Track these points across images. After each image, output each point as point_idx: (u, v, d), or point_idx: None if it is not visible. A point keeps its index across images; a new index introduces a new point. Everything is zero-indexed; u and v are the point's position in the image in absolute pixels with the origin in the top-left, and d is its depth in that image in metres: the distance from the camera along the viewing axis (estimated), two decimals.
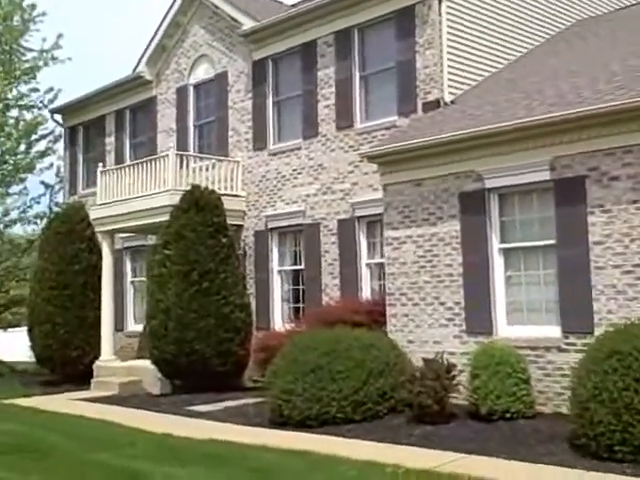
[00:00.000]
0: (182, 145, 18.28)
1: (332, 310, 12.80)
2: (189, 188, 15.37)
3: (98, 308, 17.31)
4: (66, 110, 22.24)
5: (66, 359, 17.07)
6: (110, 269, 17.38)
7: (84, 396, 15.12)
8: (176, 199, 15.31)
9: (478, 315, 11.24)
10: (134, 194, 16.53)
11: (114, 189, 17.19)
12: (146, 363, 16.16)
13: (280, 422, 10.73)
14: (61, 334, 17.02)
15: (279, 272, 16.24)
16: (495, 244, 11.28)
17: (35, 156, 21.86)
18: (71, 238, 17.51)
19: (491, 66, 14.59)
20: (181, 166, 15.97)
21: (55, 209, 22.72)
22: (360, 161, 14.48)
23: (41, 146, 22.68)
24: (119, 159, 20.32)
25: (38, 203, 22.41)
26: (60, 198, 23.29)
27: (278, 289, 16.19)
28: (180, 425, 11.14)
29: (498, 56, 14.81)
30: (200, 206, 14.52)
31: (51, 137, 22.87)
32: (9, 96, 21.39)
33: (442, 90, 13.57)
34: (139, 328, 19.20)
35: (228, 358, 14.18)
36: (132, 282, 19.99)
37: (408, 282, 12.15)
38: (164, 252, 14.26)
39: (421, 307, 11.96)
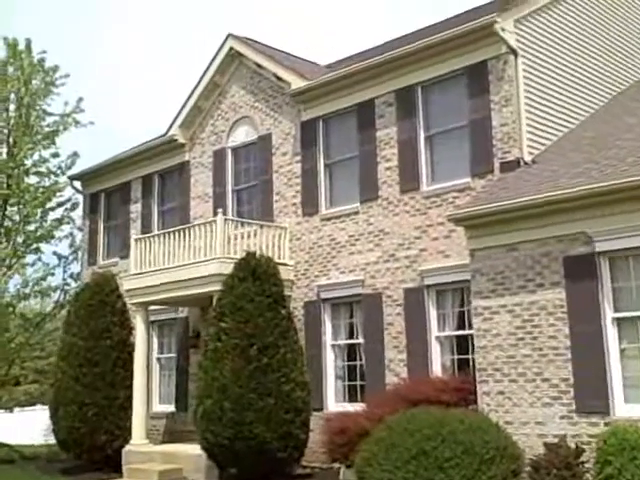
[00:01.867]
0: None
1: (414, 388, 11.54)
2: (237, 256, 14.30)
3: (129, 387, 15.91)
4: (86, 176, 21.17)
5: (94, 443, 15.52)
6: (144, 344, 16.06)
7: None
8: (226, 267, 14.18)
9: (591, 392, 10.05)
10: (175, 263, 15.34)
11: (150, 258, 16.00)
12: (187, 448, 14.79)
13: None
14: (90, 416, 15.50)
15: (332, 346, 14.98)
16: (608, 313, 10.18)
17: (53, 225, 20.61)
18: (103, 311, 16.18)
19: (566, 123, 13.83)
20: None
21: (70, 281, 21.48)
22: (429, 226, 13.51)
23: (57, 214, 21.54)
24: (146, 227, 19.19)
25: (53, 275, 21.00)
26: (74, 269, 22.04)
27: (332, 365, 14.91)
28: None
29: (574, 112, 14.08)
30: (257, 275, 13.34)
31: (68, 205, 21.69)
32: (28, 162, 20.31)
33: (521, 149, 12.69)
34: (165, 409, 17.87)
35: (289, 442, 12.78)
36: (158, 359, 18.59)
37: (503, 356, 10.98)
38: (219, 324, 12.98)
39: (520, 384, 10.76)
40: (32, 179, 20.50)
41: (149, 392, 17.94)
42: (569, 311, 10.38)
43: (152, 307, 17.00)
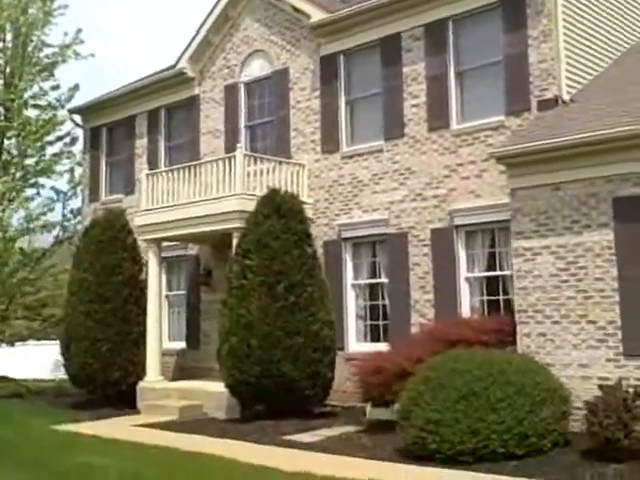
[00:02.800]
0: (231, 148, 16.67)
1: (451, 329, 11.36)
2: (257, 192, 13.96)
3: (140, 324, 15.64)
4: (87, 110, 20.45)
5: (107, 379, 15.28)
6: (157, 281, 15.72)
7: (143, 422, 13.40)
8: (246, 204, 13.81)
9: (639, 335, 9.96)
10: (190, 199, 14.91)
11: (163, 194, 15.54)
12: (205, 385, 14.65)
13: (423, 456, 9.30)
14: (103, 352, 15.23)
15: (353, 286, 14.75)
16: None
17: (53, 159, 19.95)
18: (114, 247, 15.76)
19: (605, 59, 13.45)
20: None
21: (70, 217, 20.94)
22: (459, 165, 13.21)
23: (56, 148, 20.89)
24: (152, 163, 18.59)
25: (52, 210, 20.44)
26: (73, 205, 21.49)
27: (352, 305, 14.70)
28: (300, 459, 9.61)
29: (612, 48, 13.71)
30: (282, 212, 13.01)
31: (67, 139, 21.02)
32: (27, 94, 19.54)
33: (559, 87, 12.34)
34: (175, 346, 17.61)
35: (316, 380, 12.66)
36: (167, 296, 18.24)
37: (545, 298, 10.81)
38: (244, 262, 12.67)
39: (563, 325, 10.62)
40: (31, 112, 19.76)
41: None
42: (617, 253, 10.19)
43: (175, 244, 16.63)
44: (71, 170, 21.07)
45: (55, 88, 19.90)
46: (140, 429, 12.67)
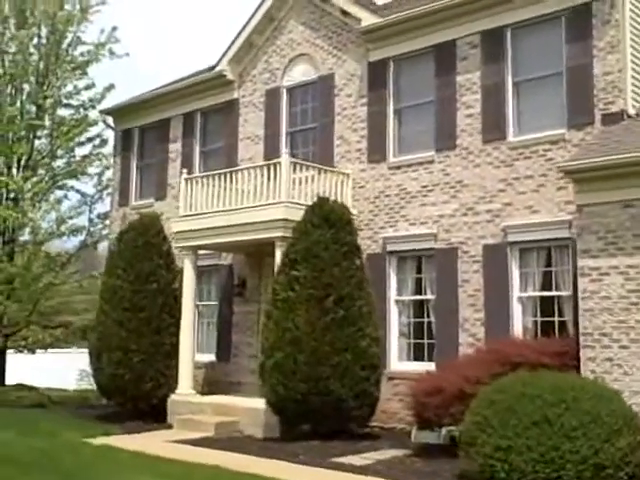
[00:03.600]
0: (271, 154, 16.26)
1: (512, 349, 10.82)
2: (301, 200, 13.52)
3: (174, 334, 15.14)
4: (119, 112, 20.02)
5: (139, 391, 14.73)
6: (192, 290, 15.27)
7: (178, 437, 12.83)
8: (292, 212, 13.35)
9: None
10: (231, 205, 14.44)
11: (202, 200, 15.07)
12: (241, 400, 14.16)
13: None
14: (135, 362, 14.69)
15: (396, 302, 14.23)
16: None
17: (86, 161, 19.52)
18: (149, 253, 15.27)
19: None
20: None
21: (97, 221, 20.49)
22: (515, 179, 12.70)
23: (85, 150, 20.47)
24: (186, 168, 18.04)
25: (80, 214, 19.98)
26: (99, 209, 21.02)
27: (395, 322, 14.17)
28: None
29: None
30: (331, 222, 12.51)
31: (96, 142, 20.58)
32: (60, 92, 19.15)
33: (625, 100, 11.86)
34: (204, 359, 17.07)
35: (364, 400, 12.12)
36: (197, 306, 17.68)
37: (613, 320, 10.27)
38: (292, 273, 12.16)
39: (632, 350, 10.08)
40: (63, 111, 19.37)
41: None
42: None
43: (205, 253, 16.14)
44: (99, 173, 20.57)
45: (89, 87, 19.45)
46: (177, 445, 12.12)
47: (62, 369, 21.76)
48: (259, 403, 13.24)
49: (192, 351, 15.12)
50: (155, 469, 9.85)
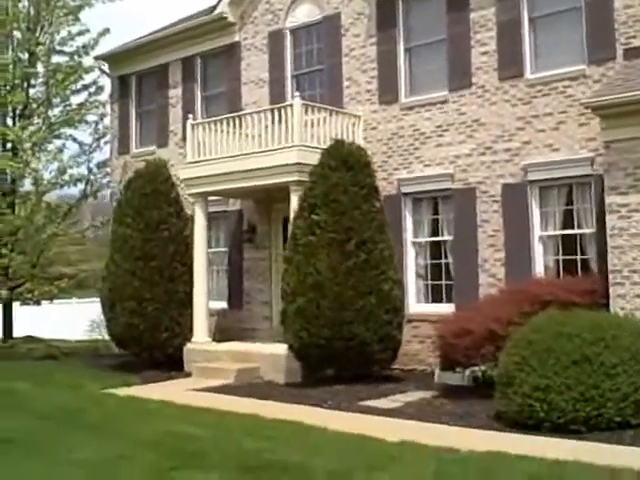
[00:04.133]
0: (276, 98, 15.95)
1: (542, 289, 10.78)
2: (314, 144, 13.30)
3: (187, 282, 15.00)
4: (115, 58, 19.51)
5: (155, 340, 14.65)
6: (204, 237, 15.10)
7: (200, 385, 12.81)
8: (306, 156, 13.12)
9: None
10: (241, 150, 14.18)
11: (210, 145, 14.79)
12: (260, 347, 14.15)
13: (528, 424, 8.78)
14: (150, 312, 14.56)
15: (413, 244, 14.14)
16: None
17: (83, 109, 19.05)
18: (158, 201, 15.01)
19: None
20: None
21: (96, 171, 20.13)
22: (534, 116, 12.52)
23: (80, 98, 19.97)
24: (188, 113, 17.78)
25: (80, 164, 19.60)
26: (97, 159, 20.64)
27: (412, 264, 14.10)
28: (393, 427, 9.08)
29: None
30: (350, 164, 12.31)
31: (92, 89, 20.08)
32: (53, 39, 18.58)
33: None
34: (215, 306, 16.91)
35: (388, 343, 12.11)
36: (207, 253, 17.52)
37: None
38: (312, 217, 12.00)
39: None
40: (57, 58, 18.83)
41: None
42: None
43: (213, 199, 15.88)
44: (96, 121, 20.12)
45: (82, 33, 18.88)
46: (201, 393, 12.09)
47: (68, 320, 21.62)
48: (279, 349, 13.22)
49: (206, 299, 15.00)
50: (189, 418, 9.78)
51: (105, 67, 19.73)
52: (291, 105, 13.54)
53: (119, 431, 9.20)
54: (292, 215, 13.08)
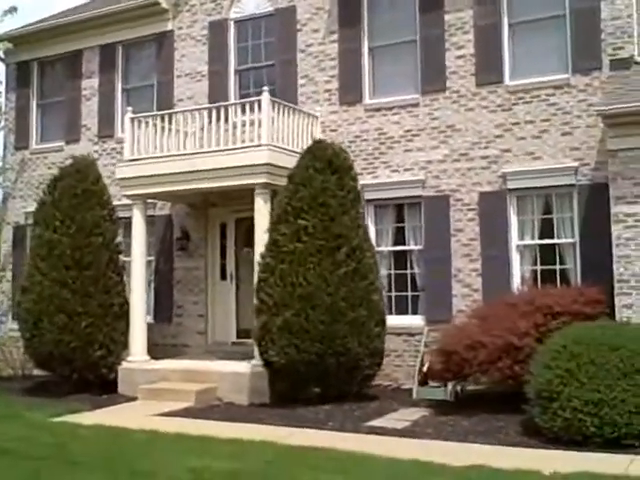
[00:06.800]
0: (217, 93, 14.78)
1: (551, 299, 10.37)
2: (280, 144, 12.35)
3: (121, 294, 13.46)
4: (13, 41, 17.35)
5: (88, 359, 12.93)
6: (143, 244, 13.59)
7: (158, 410, 11.22)
8: (277, 157, 12.15)
9: None
10: (196, 149, 12.91)
11: (153, 142, 13.37)
12: (213, 365, 12.90)
13: (575, 440, 8.36)
14: (83, 328, 12.84)
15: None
16: None
17: None
18: (89, 203, 13.34)
19: None
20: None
21: None
22: (514, 124, 12.27)
23: None
24: (105, 108, 16.17)
25: None
26: None
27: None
28: (439, 452, 8.31)
29: None
30: (335, 167, 11.43)
31: None
32: None
33: (633, 46, 11.70)
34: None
35: (376, 358, 11.31)
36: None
37: None
38: (298, 223, 10.98)
39: None
40: None
41: None
42: None
43: (123, 202, 14.32)
44: None
45: None
46: (167, 418, 10.64)
47: None
48: (240, 367, 12.12)
49: (144, 312, 13.50)
50: (198, 449, 8.49)
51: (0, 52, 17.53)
52: (258, 101, 12.44)
53: (140, 471, 7.64)
54: (257, 220, 12.08)
